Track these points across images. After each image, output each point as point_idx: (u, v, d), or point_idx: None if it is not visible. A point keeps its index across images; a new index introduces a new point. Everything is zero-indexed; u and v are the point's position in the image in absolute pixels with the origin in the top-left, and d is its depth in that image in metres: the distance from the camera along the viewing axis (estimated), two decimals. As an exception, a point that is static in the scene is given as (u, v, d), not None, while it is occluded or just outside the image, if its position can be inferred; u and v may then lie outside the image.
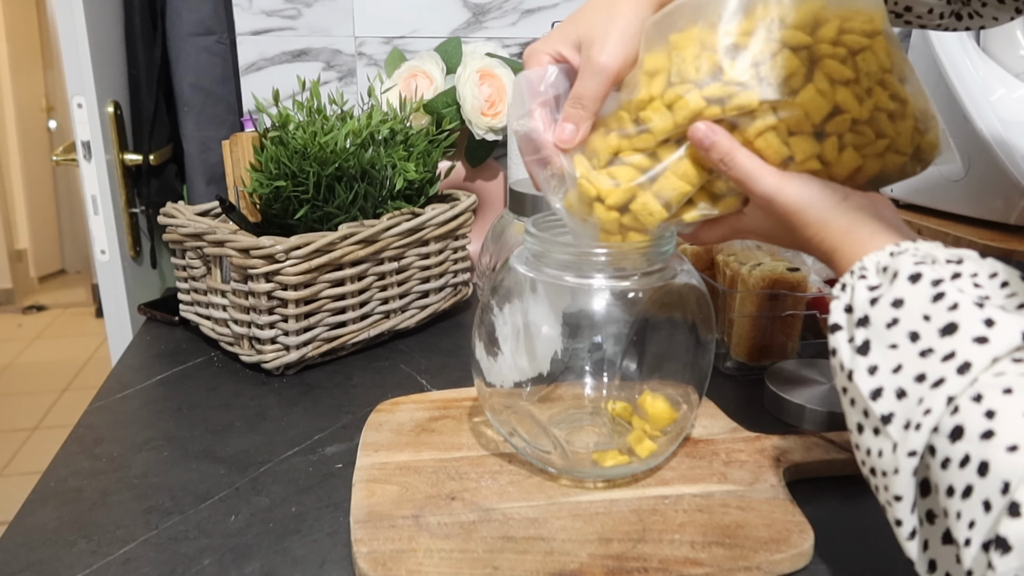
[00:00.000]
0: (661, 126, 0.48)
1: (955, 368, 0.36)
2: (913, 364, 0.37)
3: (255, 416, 0.69)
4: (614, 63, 0.49)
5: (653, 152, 0.49)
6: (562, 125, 0.51)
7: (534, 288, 0.56)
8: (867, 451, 0.39)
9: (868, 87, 0.47)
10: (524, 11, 1.08)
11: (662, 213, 0.49)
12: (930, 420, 0.35)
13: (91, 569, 0.49)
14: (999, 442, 0.33)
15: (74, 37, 0.87)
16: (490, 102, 1.00)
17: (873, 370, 0.39)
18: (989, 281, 0.38)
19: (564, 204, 0.51)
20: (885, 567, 0.50)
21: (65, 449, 0.63)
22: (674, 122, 0.47)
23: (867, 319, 0.40)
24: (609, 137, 0.50)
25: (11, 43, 3.39)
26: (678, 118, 0.47)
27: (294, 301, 0.73)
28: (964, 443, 0.34)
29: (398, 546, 0.49)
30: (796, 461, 0.58)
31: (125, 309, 0.96)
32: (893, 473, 0.37)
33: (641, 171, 0.49)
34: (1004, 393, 0.34)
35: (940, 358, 0.36)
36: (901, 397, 0.37)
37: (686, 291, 0.56)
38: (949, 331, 0.36)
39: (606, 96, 0.50)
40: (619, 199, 0.49)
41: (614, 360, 0.60)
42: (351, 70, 1.07)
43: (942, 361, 0.36)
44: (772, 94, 0.46)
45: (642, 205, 0.49)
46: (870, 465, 0.39)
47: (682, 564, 0.48)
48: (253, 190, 0.77)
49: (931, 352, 0.37)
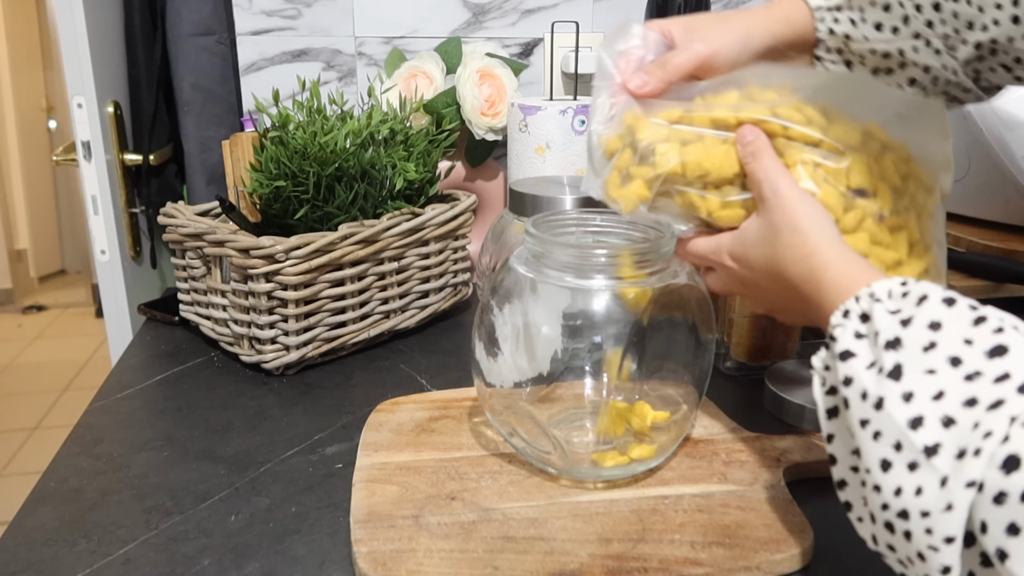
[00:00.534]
0: (721, 113, 0.51)
1: (1015, 388, 0.32)
2: (959, 389, 0.33)
3: (255, 416, 0.69)
4: (708, 49, 0.54)
5: (701, 128, 0.52)
6: (639, 73, 0.54)
7: (534, 288, 0.56)
8: (895, 491, 0.34)
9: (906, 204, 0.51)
10: (524, 11, 1.08)
11: (675, 169, 0.51)
12: (991, 444, 0.31)
13: (91, 569, 0.49)
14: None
15: (74, 37, 0.87)
16: (490, 102, 1.00)
17: (909, 397, 0.35)
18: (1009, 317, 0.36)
19: (599, 136, 0.54)
20: (885, 567, 0.50)
21: (65, 449, 0.63)
22: (736, 116, 0.50)
23: (899, 341, 0.36)
24: (671, 106, 0.53)
25: (11, 43, 3.39)
26: (742, 114, 0.50)
27: (294, 301, 0.73)
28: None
29: (398, 546, 0.49)
30: (796, 461, 0.58)
31: (125, 309, 0.96)
32: (943, 511, 0.32)
33: (682, 128, 0.52)
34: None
35: (992, 379, 0.33)
36: (948, 425, 0.33)
37: (686, 291, 0.56)
38: (999, 353, 0.33)
39: (688, 72, 0.54)
40: (651, 135, 0.52)
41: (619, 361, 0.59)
42: (351, 70, 1.07)
43: (995, 383, 0.33)
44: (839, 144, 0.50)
45: (663, 153, 0.51)
46: (898, 508, 0.34)
47: (682, 564, 0.48)
48: (253, 190, 0.77)
49: (979, 375, 0.33)
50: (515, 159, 0.98)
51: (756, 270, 0.49)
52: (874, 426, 0.36)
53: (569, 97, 1.01)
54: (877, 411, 0.35)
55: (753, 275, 0.50)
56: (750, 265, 0.49)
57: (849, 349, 0.38)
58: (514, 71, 1.02)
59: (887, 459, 0.35)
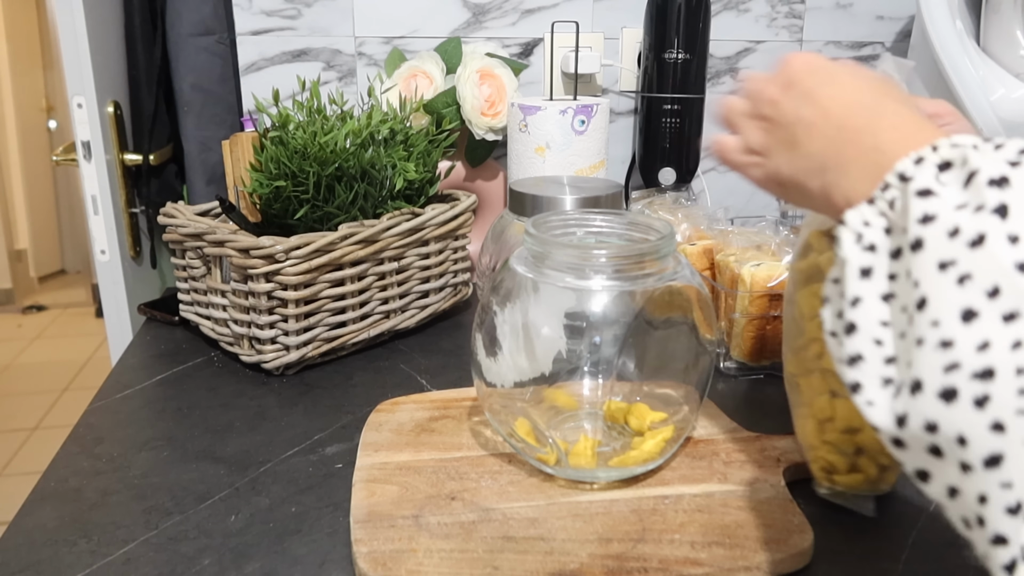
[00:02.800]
0: None
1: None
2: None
3: (255, 416, 0.69)
4: None
5: None
6: None
7: (535, 289, 0.56)
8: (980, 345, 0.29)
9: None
10: (524, 11, 1.08)
11: None
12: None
13: (91, 569, 0.49)
14: None
15: (74, 37, 0.87)
16: (490, 102, 1.00)
17: (1015, 239, 0.29)
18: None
19: None
20: (885, 567, 0.50)
21: (65, 449, 0.63)
22: None
23: (1006, 180, 0.31)
24: None
25: (11, 43, 3.39)
26: None
27: (294, 301, 0.73)
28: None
29: (398, 546, 0.49)
30: (796, 461, 0.58)
31: (125, 309, 0.96)
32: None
33: None
34: None
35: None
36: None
37: (687, 292, 0.56)
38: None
39: None
40: None
41: (614, 361, 0.60)
42: (351, 70, 1.07)
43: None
44: None
45: None
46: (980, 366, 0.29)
47: (682, 564, 0.48)
48: (253, 190, 0.77)
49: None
50: (515, 159, 0.98)
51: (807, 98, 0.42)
52: (963, 267, 0.30)
53: (569, 97, 1.01)
54: (972, 249, 0.30)
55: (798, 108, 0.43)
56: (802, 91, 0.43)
57: (930, 188, 0.33)
58: (514, 71, 1.02)
59: (972, 308, 0.29)
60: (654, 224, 0.57)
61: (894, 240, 0.35)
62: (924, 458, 0.31)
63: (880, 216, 0.36)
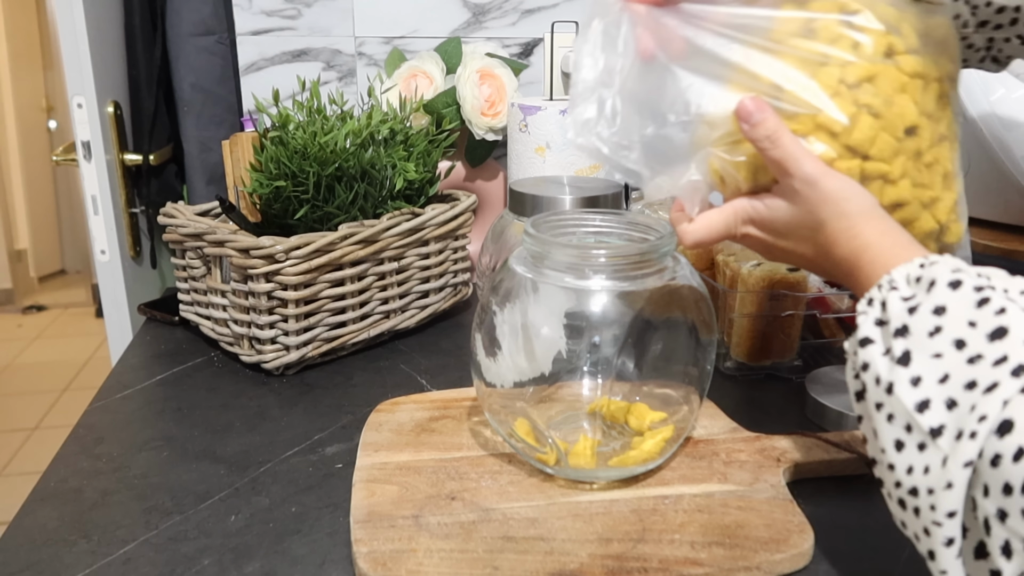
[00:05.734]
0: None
1: (1009, 371, 0.34)
2: (961, 372, 0.35)
3: (255, 416, 0.69)
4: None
5: None
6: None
7: (534, 289, 0.56)
8: (908, 469, 0.36)
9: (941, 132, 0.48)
10: (524, 11, 1.08)
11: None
12: (986, 427, 0.33)
13: (91, 569, 0.49)
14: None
15: (74, 37, 0.87)
16: (490, 102, 1.00)
17: (917, 381, 0.37)
18: (1021, 297, 0.37)
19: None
20: (885, 567, 0.50)
21: (65, 449, 0.63)
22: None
23: (906, 328, 0.38)
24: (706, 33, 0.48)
25: (11, 43, 3.39)
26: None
27: (294, 301, 0.73)
28: (1017, 436, 0.32)
29: (398, 546, 0.49)
30: (796, 461, 0.58)
31: (125, 309, 0.96)
32: (944, 488, 0.35)
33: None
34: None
35: (991, 363, 0.34)
36: (952, 407, 0.35)
37: (686, 292, 0.56)
38: (999, 335, 0.35)
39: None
40: None
41: (613, 361, 0.60)
42: (351, 70, 1.07)
43: (994, 366, 0.34)
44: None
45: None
46: (909, 486, 0.36)
47: (682, 564, 0.48)
48: (253, 190, 0.77)
49: (980, 358, 0.35)
50: (515, 159, 0.98)
51: (790, 241, 0.48)
52: (887, 409, 0.37)
53: (569, 97, 1.00)
54: (889, 395, 0.37)
55: (785, 244, 0.48)
56: (782, 236, 0.48)
57: (868, 336, 0.40)
58: (514, 71, 1.02)
59: (900, 440, 0.37)
60: (654, 224, 0.57)
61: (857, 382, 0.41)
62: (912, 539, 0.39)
63: (853, 356, 0.42)
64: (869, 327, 0.40)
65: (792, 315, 0.73)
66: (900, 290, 0.39)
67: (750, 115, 0.46)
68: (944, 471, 0.35)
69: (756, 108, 0.46)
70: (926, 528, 0.36)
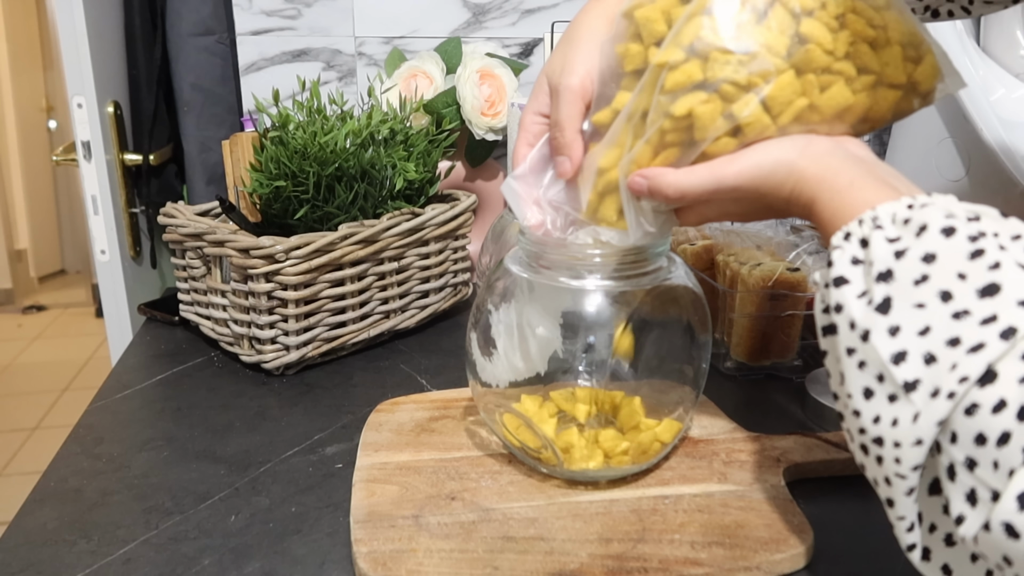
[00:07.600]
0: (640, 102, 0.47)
1: (997, 332, 0.32)
2: (944, 326, 0.33)
3: (255, 416, 0.69)
4: (576, 79, 0.49)
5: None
6: (556, 160, 0.51)
7: (530, 288, 0.56)
8: (874, 419, 0.35)
9: (839, 15, 0.44)
10: (524, 11, 1.08)
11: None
12: (963, 389, 0.32)
13: (91, 569, 0.49)
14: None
15: (74, 37, 0.87)
16: (490, 102, 1.00)
17: (895, 331, 0.34)
18: (1013, 243, 0.34)
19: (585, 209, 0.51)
20: (885, 567, 0.50)
21: (65, 449, 0.63)
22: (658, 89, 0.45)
23: (890, 273, 0.35)
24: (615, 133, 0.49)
25: (11, 43, 3.39)
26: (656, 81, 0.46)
27: (294, 301, 0.73)
28: (999, 387, 0.31)
29: (398, 546, 0.49)
30: (796, 461, 0.58)
31: (125, 309, 0.96)
32: (912, 445, 0.33)
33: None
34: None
35: (979, 321, 0.32)
36: (930, 362, 0.33)
37: (681, 292, 0.56)
38: (990, 292, 0.33)
39: (583, 115, 0.50)
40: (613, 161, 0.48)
41: (608, 361, 0.59)
42: (351, 70, 1.07)
43: (981, 324, 0.32)
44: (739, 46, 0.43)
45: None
46: (874, 435, 0.35)
47: (682, 564, 0.48)
48: (253, 190, 0.77)
49: (967, 314, 0.33)
50: (515, 159, 0.98)
51: (755, 214, 0.47)
52: (860, 356, 0.36)
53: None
54: (864, 343, 0.35)
55: (751, 214, 0.47)
56: (747, 214, 0.47)
57: (844, 275, 0.37)
58: (514, 71, 1.02)
59: (869, 388, 0.35)
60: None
61: (827, 318, 0.39)
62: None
63: (823, 288, 0.39)
64: (845, 265, 0.37)
65: (792, 315, 0.73)
66: (885, 230, 0.37)
67: (641, 191, 0.47)
68: (914, 427, 0.33)
69: (642, 181, 0.46)
70: (887, 478, 0.35)
